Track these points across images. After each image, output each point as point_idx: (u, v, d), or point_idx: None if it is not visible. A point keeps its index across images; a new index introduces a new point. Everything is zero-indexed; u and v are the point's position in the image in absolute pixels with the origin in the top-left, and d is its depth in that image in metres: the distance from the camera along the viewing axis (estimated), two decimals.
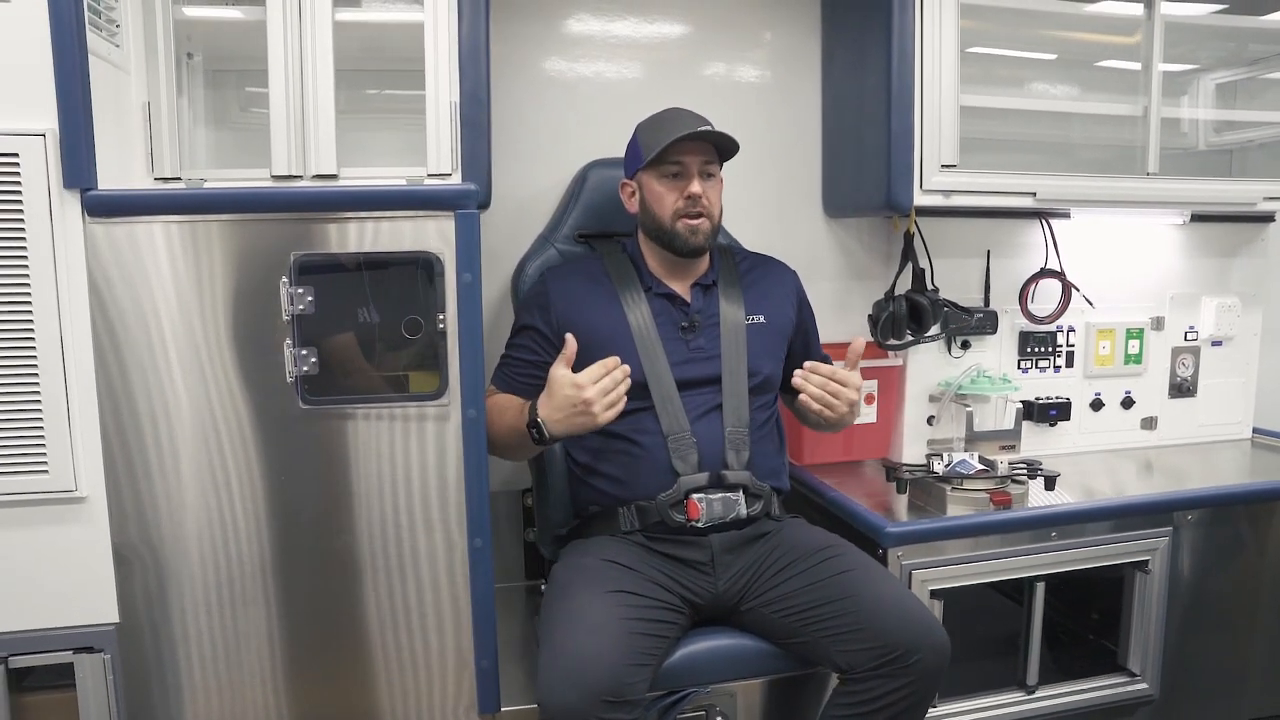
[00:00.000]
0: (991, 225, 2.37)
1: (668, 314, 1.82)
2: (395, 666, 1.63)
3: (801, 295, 1.98)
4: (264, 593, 1.57)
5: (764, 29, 2.37)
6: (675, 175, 1.78)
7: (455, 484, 1.59)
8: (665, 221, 1.79)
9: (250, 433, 1.53)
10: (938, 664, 1.53)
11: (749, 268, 1.96)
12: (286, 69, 1.64)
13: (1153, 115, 2.22)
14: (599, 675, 1.41)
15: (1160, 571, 2.05)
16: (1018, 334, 2.42)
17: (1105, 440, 2.51)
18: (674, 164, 1.77)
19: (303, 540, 1.57)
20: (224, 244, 1.49)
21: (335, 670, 1.62)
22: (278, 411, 1.53)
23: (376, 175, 1.75)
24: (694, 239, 1.78)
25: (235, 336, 1.51)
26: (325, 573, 1.58)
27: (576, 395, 1.57)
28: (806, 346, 1.97)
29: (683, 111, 1.81)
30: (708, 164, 1.79)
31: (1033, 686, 2.02)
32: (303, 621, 1.59)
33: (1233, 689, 2.21)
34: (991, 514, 1.94)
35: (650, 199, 1.81)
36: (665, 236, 1.80)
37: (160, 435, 1.51)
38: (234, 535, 1.55)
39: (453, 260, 1.54)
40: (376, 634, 1.61)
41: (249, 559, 1.56)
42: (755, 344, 1.83)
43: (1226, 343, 2.59)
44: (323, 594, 1.59)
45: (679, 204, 1.77)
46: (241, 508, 1.55)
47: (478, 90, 1.74)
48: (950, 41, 2.02)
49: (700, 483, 1.72)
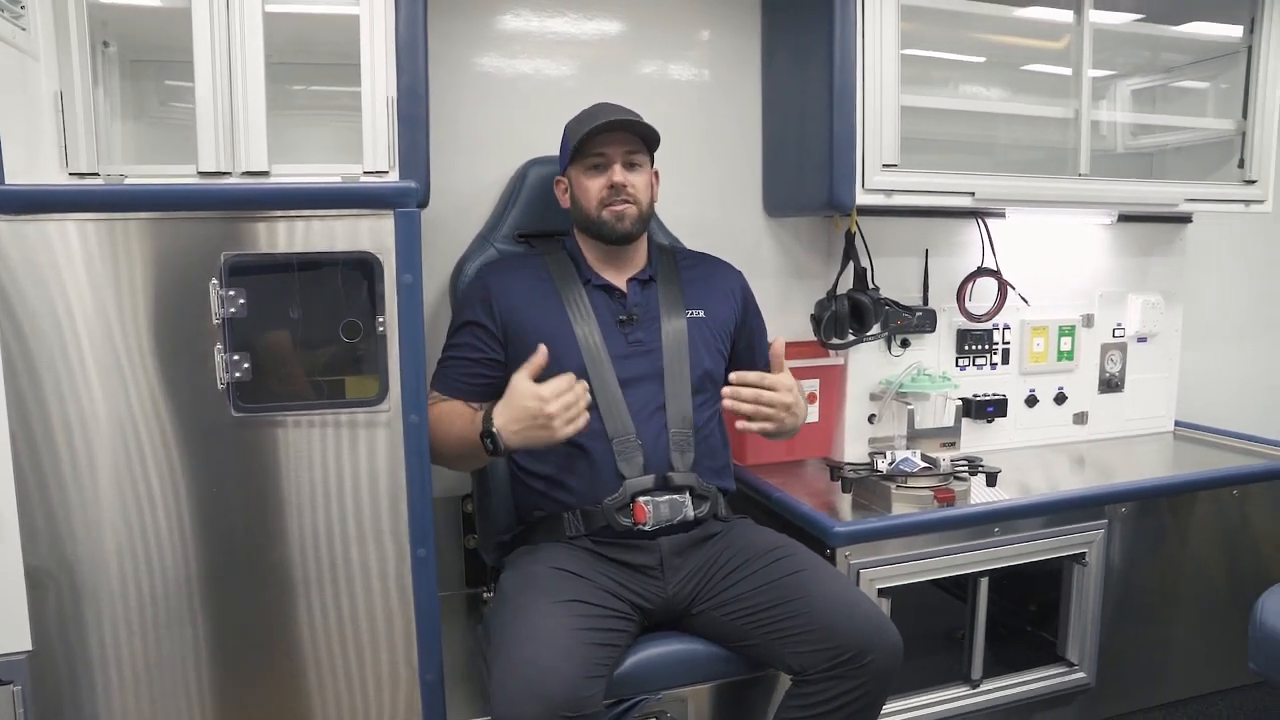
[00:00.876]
0: (929, 224, 2.40)
1: (606, 306, 1.81)
2: (334, 684, 1.55)
3: (747, 294, 1.97)
4: (191, 612, 1.47)
5: (703, 28, 2.36)
6: (598, 166, 1.78)
7: (396, 492, 1.53)
8: (592, 211, 1.79)
9: (176, 443, 1.44)
10: (890, 664, 1.54)
11: (690, 265, 1.95)
12: (214, 60, 1.56)
13: (1084, 118, 2.27)
14: (556, 688, 1.37)
15: (1096, 563, 2.10)
16: (955, 332, 2.46)
17: (1039, 436, 2.57)
18: (597, 155, 1.77)
19: (233, 555, 1.48)
20: (148, 244, 1.40)
21: (270, 691, 1.53)
22: (206, 420, 1.44)
23: (310, 173, 1.68)
24: (620, 225, 1.78)
25: (159, 342, 1.42)
26: (257, 588, 1.50)
27: (538, 407, 1.53)
28: (751, 349, 1.96)
29: (608, 105, 1.81)
30: (631, 153, 1.79)
31: (977, 680, 2.05)
32: (234, 640, 1.50)
33: (1160, 674, 2.28)
34: (937, 511, 1.95)
35: (578, 191, 1.82)
36: (594, 226, 1.80)
37: (76, 448, 1.40)
38: (158, 552, 1.45)
39: (393, 261, 1.48)
40: (313, 651, 1.53)
41: (174, 576, 1.46)
42: (695, 338, 1.82)
43: (1151, 339, 2.68)
44: (255, 611, 1.50)
45: (603, 193, 1.78)
46: (167, 523, 1.45)
47: (415, 85, 1.69)
48: (891, 42, 2.03)
49: (646, 485, 1.70)
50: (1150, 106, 2.76)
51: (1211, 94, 2.68)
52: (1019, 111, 2.37)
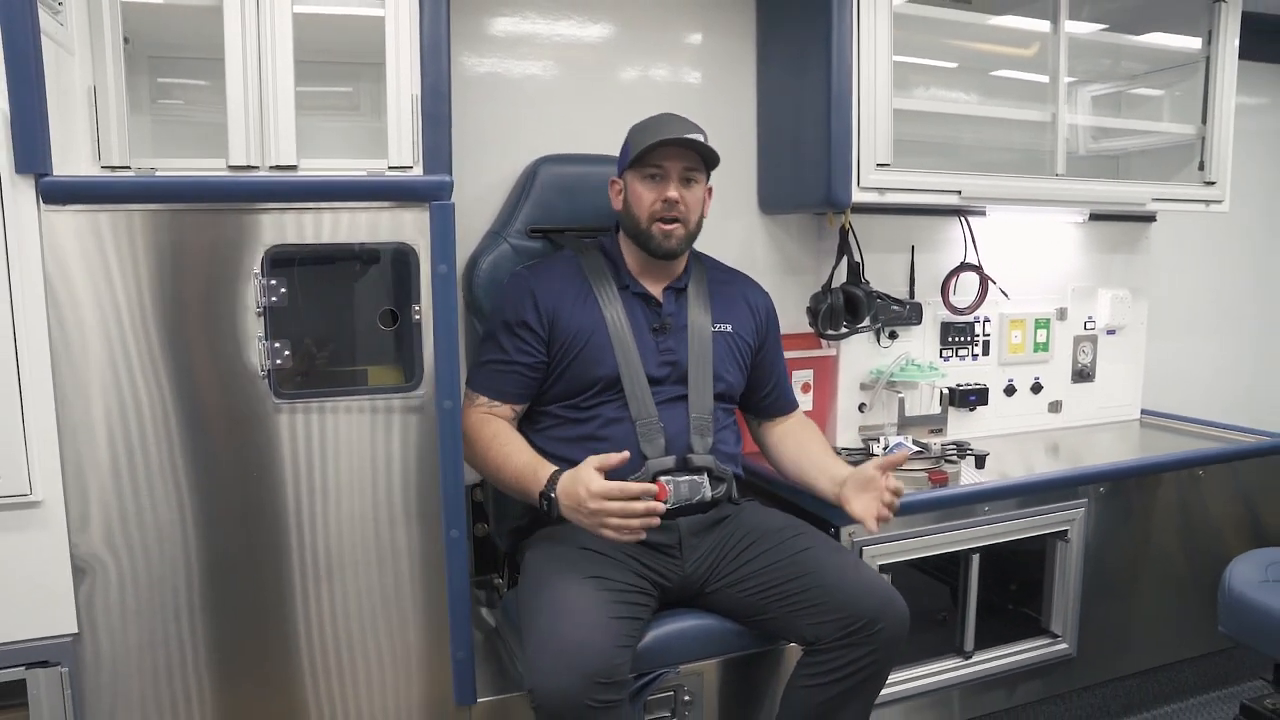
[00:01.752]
0: (915, 222, 2.51)
1: (641, 313, 1.86)
2: (369, 662, 1.61)
3: (770, 314, 2.02)
4: (233, 595, 1.53)
5: (699, 32, 2.44)
6: (655, 178, 1.81)
7: (430, 476, 1.59)
8: (642, 222, 1.82)
9: (219, 430, 1.49)
10: (899, 632, 1.62)
11: (721, 279, 2.00)
12: (244, 58, 1.60)
13: (1060, 122, 2.40)
14: (590, 658, 1.44)
15: (1077, 540, 2.23)
16: (940, 324, 2.57)
17: (1017, 423, 2.70)
18: (656, 167, 1.80)
19: (274, 539, 1.53)
20: (190, 235, 1.45)
21: (307, 670, 1.59)
22: (248, 407, 1.49)
23: (336, 167, 1.72)
24: (667, 243, 1.82)
25: (201, 330, 1.47)
26: (296, 571, 1.55)
27: (591, 505, 1.56)
28: (767, 367, 2.00)
29: (674, 117, 1.84)
30: (689, 170, 1.82)
31: (969, 652, 2.16)
32: (271, 623, 1.55)
33: (1134, 643, 2.41)
34: (932, 492, 2.06)
35: (632, 198, 1.84)
36: (641, 237, 1.83)
37: (123, 434, 1.45)
38: (201, 537, 1.50)
39: (428, 252, 1.54)
40: (352, 629, 1.59)
41: (216, 560, 1.51)
42: (720, 350, 1.89)
43: (1119, 331, 2.83)
44: (292, 594, 1.56)
45: (655, 206, 1.80)
46: (209, 508, 1.50)
47: (439, 84, 1.74)
48: (884, 48, 2.14)
49: (667, 465, 1.77)
50: (1108, 112, 2.91)
51: (1167, 100, 2.84)
52: (1004, 115, 2.48)
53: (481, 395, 1.81)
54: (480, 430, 1.74)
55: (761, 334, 1.99)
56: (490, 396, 1.81)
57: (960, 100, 2.65)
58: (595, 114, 2.30)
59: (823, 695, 1.62)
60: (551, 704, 1.42)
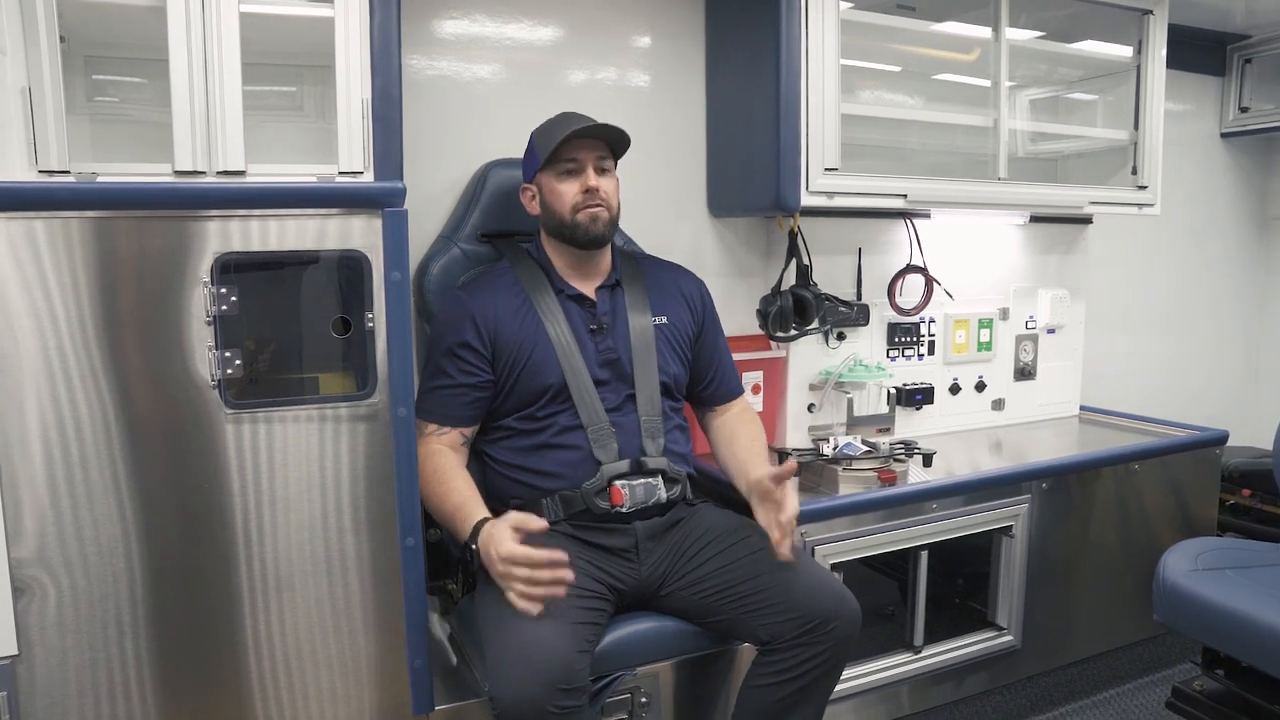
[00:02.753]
0: (861, 224, 2.56)
1: (578, 315, 1.87)
2: (325, 673, 1.59)
3: (706, 302, 2.04)
4: (185, 609, 1.49)
5: (648, 35, 2.45)
6: (571, 172, 1.82)
7: (385, 483, 1.57)
8: (565, 216, 1.83)
9: (165, 441, 1.45)
10: (851, 630, 1.66)
11: (652, 270, 2.01)
12: (190, 59, 1.57)
13: (1002, 126, 2.47)
14: (551, 665, 1.45)
15: (1021, 535, 2.29)
16: (886, 325, 2.62)
17: (962, 421, 2.77)
18: (569, 161, 1.82)
19: (227, 551, 1.50)
20: (133, 243, 1.40)
21: (258, 686, 1.55)
22: (197, 418, 1.46)
23: (284, 173, 1.70)
24: (594, 227, 1.82)
25: (145, 340, 1.43)
26: (249, 583, 1.52)
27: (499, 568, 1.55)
28: (708, 356, 2.02)
29: (573, 114, 1.86)
30: (601, 159, 1.85)
31: (919, 647, 2.21)
32: (225, 637, 1.52)
33: (1075, 633, 2.49)
34: (881, 490, 2.10)
35: (550, 197, 1.85)
36: (567, 230, 1.84)
37: (61, 449, 1.40)
38: (147, 552, 1.46)
39: (381, 258, 1.53)
40: (303, 642, 1.56)
41: (166, 575, 1.47)
42: (661, 344, 1.90)
43: (1059, 330, 2.92)
44: (247, 605, 1.53)
45: (577, 198, 1.81)
46: (159, 522, 1.46)
47: (390, 88, 1.73)
48: (832, 54, 2.17)
49: (622, 469, 1.78)
50: (1045, 116, 2.99)
51: (1100, 106, 2.94)
52: (948, 120, 2.55)
53: (430, 423, 1.79)
54: (424, 465, 1.70)
55: (698, 322, 2.00)
56: (438, 422, 1.80)
57: (904, 105, 2.70)
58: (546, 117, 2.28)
59: (777, 694, 1.64)
60: (514, 711, 1.42)
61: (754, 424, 2.03)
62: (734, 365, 2.09)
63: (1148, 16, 2.70)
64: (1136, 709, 2.48)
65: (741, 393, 2.09)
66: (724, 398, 2.05)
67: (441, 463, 1.76)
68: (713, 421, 2.05)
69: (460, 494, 1.71)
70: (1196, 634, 1.98)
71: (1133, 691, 2.57)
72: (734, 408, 2.05)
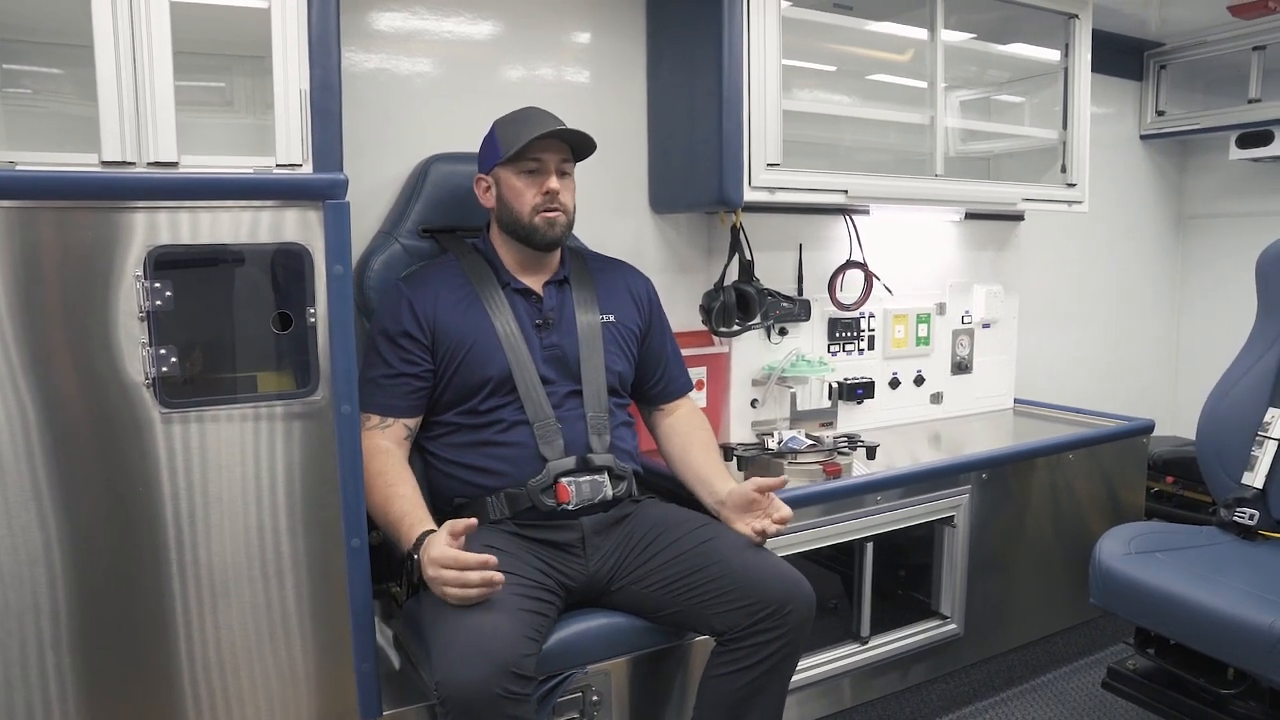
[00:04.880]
0: (802, 220, 2.59)
1: (524, 309, 1.85)
2: (267, 682, 1.53)
3: (653, 299, 2.04)
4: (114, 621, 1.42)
5: (589, 31, 2.44)
6: (533, 172, 1.80)
7: (329, 483, 1.53)
8: (524, 216, 1.81)
9: (93, 444, 1.39)
10: (807, 614, 1.67)
11: (600, 268, 2.01)
12: (116, 47, 1.50)
13: (938, 124, 2.52)
14: (499, 646, 1.43)
15: (963, 525, 2.34)
16: (827, 320, 2.65)
17: (902, 414, 2.81)
18: (533, 160, 1.80)
19: (165, 555, 1.44)
20: (55, 234, 1.34)
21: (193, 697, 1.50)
22: (128, 418, 1.40)
23: (219, 164, 1.63)
24: (552, 231, 1.82)
25: (70, 337, 1.37)
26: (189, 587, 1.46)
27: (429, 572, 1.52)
28: (656, 353, 2.02)
29: (540, 111, 1.84)
30: (564, 162, 1.84)
31: (866, 637, 2.24)
32: (162, 642, 1.46)
33: (1014, 619, 2.55)
34: (827, 483, 2.12)
35: (508, 194, 1.82)
36: (523, 231, 1.82)
37: None
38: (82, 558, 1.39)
39: (322, 252, 1.49)
40: (242, 649, 1.51)
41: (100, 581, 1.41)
42: (609, 341, 1.89)
43: (994, 325, 2.99)
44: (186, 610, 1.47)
45: (537, 199, 1.80)
46: (82, 529, 1.39)
47: (329, 78, 1.68)
48: (774, 51, 2.19)
49: (568, 466, 1.77)
50: (976, 116, 3.07)
51: (1028, 107, 3.03)
52: (889, 118, 2.59)
53: (372, 414, 1.75)
54: (368, 464, 1.64)
55: (645, 319, 1.99)
56: (380, 414, 1.76)
57: (840, 102, 2.74)
58: (486, 112, 2.21)
59: (737, 682, 1.64)
60: (461, 694, 1.39)
61: (704, 428, 2.03)
62: (683, 363, 2.09)
63: (1073, 20, 2.79)
64: (1074, 691, 2.56)
65: (690, 390, 2.09)
66: (671, 395, 2.05)
67: (386, 464, 1.72)
68: (661, 421, 2.05)
69: (406, 500, 1.67)
70: (1131, 615, 2.04)
71: (1070, 674, 2.64)
72: (681, 407, 2.05)
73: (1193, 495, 2.98)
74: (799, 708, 2.19)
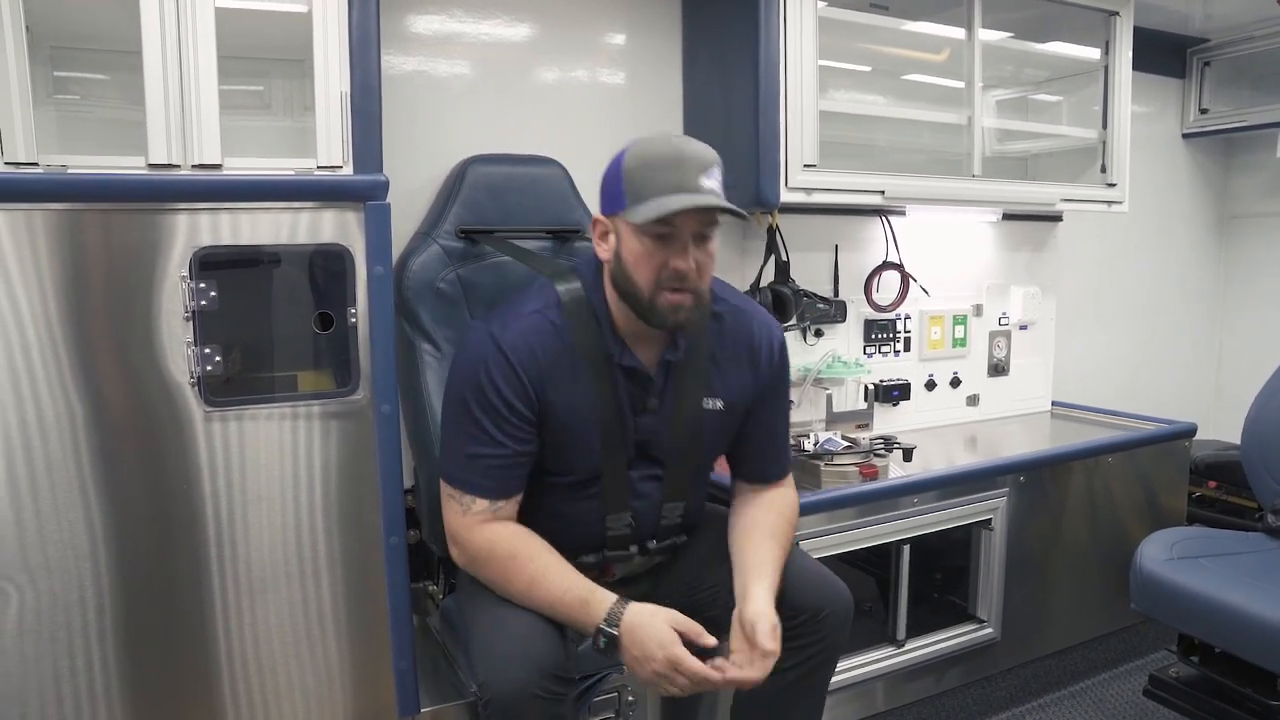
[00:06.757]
0: (838, 221, 2.57)
1: (627, 392, 1.59)
2: (306, 679, 1.56)
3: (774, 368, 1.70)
4: (157, 614, 1.45)
5: (624, 32, 2.44)
6: (662, 237, 1.45)
7: (369, 481, 1.55)
8: (643, 291, 1.48)
9: (138, 442, 1.42)
10: (844, 618, 1.64)
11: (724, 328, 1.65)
12: (164, 52, 1.53)
13: (976, 124, 2.49)
14: (542, 651, 1.42)
15: (1000, 528, 2.31)
16: (863, 321, 2.64)
17: (938, 416, 2.79)
18: (665, 225, 1.44)
19: (206, 552, 1.47)
20: (104, 236, 1.38)
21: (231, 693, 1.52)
22: (173, 417, 1.43)
23: (261, 166, 1.66)
24: (676, 316, 1.48)
25: (117, 337, 1.40)
26: (230, 584, 1.49)
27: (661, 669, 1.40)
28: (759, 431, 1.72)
29: (685, 154, 1.46)
30: (707, 225, 1.48)
31: (902, 640, 2.22)
32: (205, 639, 1.49)
33: (1052, 624, 2.51)
34: (863, 485, 2.11)
35: (628, 257, 1.48)
36: (641, 307, 1.50)
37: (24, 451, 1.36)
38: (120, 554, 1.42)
39: (363, 253, 1.50)
40: (280, 645, 1.54)
41: (136, 579, 1.44)
42: (710, 430, 1.66)
43: (1031, 327, 2.96)
44: (227, 607, 1.49)
45: (663, 275, 1.46)
46: (127, 525, 1.42)
47: (369, 81, 1.69)
48: (810, 51, 2.18)
49: (626, 555, 1.68)
50: (1013, 116, 3.03)
51: (1066, 107, 2.98)
52: (926, 118, 2.57)
53: (479, 499, 1.51)
54: (495, 549, 1.49)
55: (759, 391, 1.68)
56: (492, 498, 1.52)
57: (876, 103, 2.72)
58: (522, 113, 2.28)
59: (774, 687, 1.62)
60: (505, 696, 1.38)
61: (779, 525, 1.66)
62: (787, 443, 1.76)
63: (1114, 18, 2.75)
64: (1114, 697, 2.52)
65: (784, 475, 1.76)
66: (756, 479, 1.73)
67: (517, 546, 1.51)
68: (747, 495, 1.74)
69: (566, 576, 1.48)
70: (1174, 622, 2.00)
71: (1109, 681, 2.60)
72: (765, 497, 1.71)
73: (1237, 501, 2.92)
74: (832, 711, 2.15)
